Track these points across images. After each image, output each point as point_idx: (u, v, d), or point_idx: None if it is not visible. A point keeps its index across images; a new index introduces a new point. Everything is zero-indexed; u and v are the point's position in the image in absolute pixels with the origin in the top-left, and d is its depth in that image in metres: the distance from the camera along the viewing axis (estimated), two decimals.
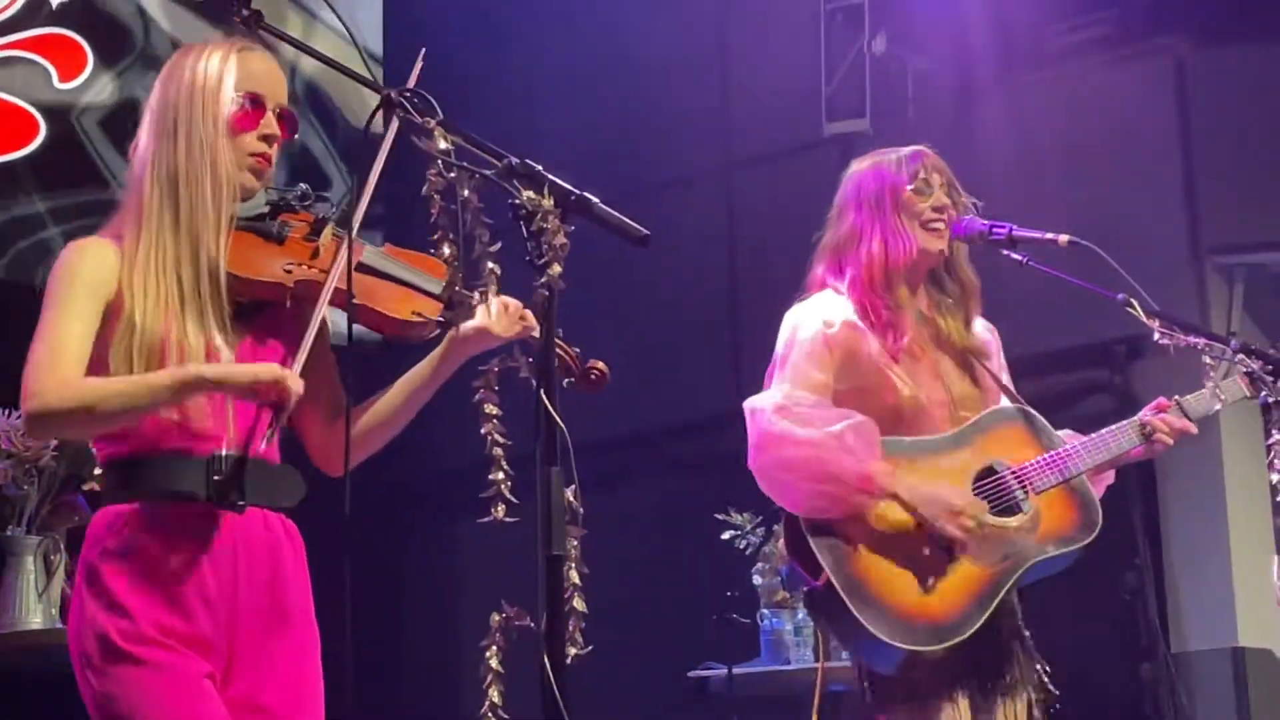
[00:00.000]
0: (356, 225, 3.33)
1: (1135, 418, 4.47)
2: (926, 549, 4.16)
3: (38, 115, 7.93)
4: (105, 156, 7.86)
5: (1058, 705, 4.36)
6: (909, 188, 4.38)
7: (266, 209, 3.51)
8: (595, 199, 3.12)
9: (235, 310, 3.38)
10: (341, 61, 3.53)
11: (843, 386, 4.24)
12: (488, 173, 3.16)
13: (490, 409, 3.43)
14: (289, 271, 3.39)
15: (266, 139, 3.46)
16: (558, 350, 3.33)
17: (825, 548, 4.10)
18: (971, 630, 4.11)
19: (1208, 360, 4.58)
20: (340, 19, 3.43)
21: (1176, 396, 4.52)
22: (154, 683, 3.21)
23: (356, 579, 3.22)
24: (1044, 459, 4.32)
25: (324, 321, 3.45)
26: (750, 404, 4.25)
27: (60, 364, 3.21)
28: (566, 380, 3.45)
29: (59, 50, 8.08)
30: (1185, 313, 6.10)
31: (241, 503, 3.32)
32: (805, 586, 4.17)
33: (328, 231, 3.46)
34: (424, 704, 8.94)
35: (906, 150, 4.49)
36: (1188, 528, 7.63)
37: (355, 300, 3.30)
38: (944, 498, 4.17)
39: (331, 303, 3.39)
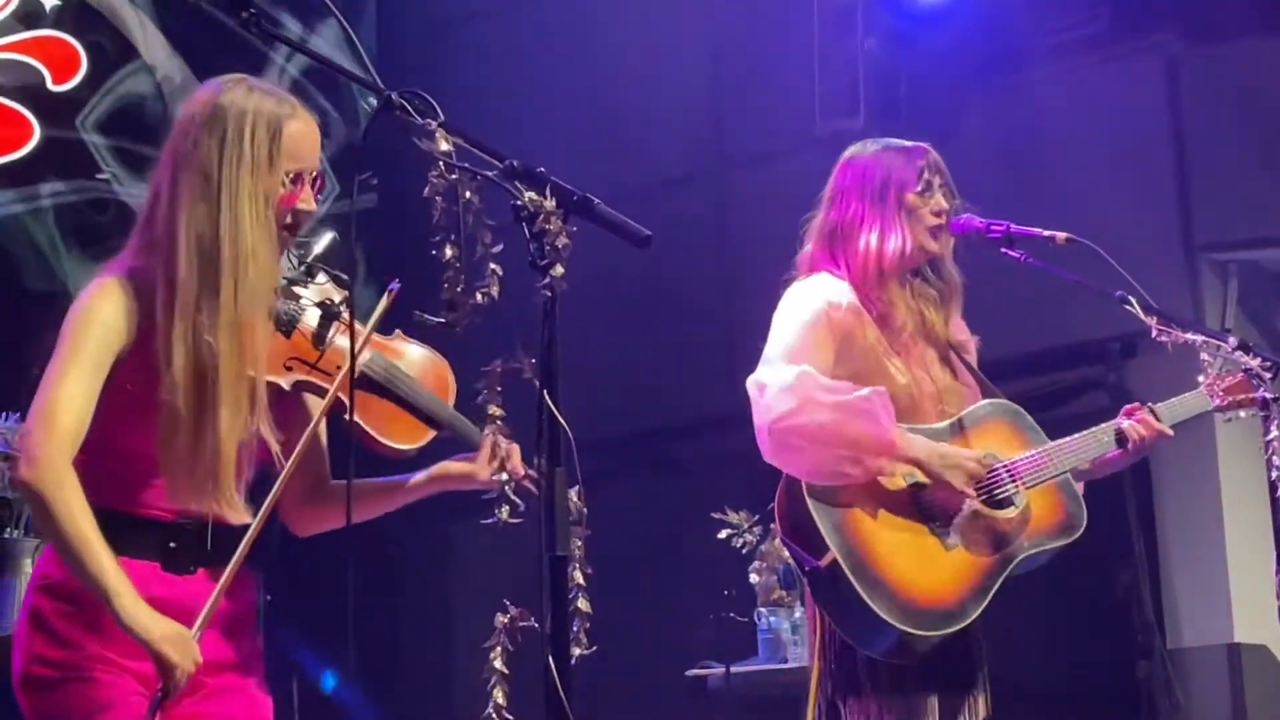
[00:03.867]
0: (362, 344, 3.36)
1: (1111, 422, 4.48)
2: (925, 535, 4.18)
3: (31, 117, 7.94)
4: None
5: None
6: (914, 189, 4.39)
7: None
8: (596, 200, 3.12)
9: None
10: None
11: (840, 371, 4.24)
12: (489, 174, 3.16)
13: (494, 410, 3.43)
14: (289, 369, 3.40)
15: (299, 214, 3.42)
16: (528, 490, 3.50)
17: (830, 527, 4.08)
18: (970, 619, 4.13)
19: (1205, 357, 4.60)
20: (341, 21, 3.42)
21: (1149, 404, 4.54)
22: (89, 695, 3.24)
23: (356, 580, 3.22)
24: (1034, 455, 4.35)
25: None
26: (759, 378, 4.20)
27: (78, 427, 3.19)
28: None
29: (53, 53, 8.09)
30: (1179, 310, 6.11)
31: (193, 568, 3.34)
32: (807, 567, 4.15)
33: (335, 330, 3.43)
34: (421, 704, 8.95)
35: (910, 146, 4.49)
36: (1183, 524, 7.64)
37: (360, 424, 3.38)
38: (962, 452, 4.21)
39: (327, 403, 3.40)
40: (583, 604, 3.23)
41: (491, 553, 5.20)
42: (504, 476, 3.56)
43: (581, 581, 3.23)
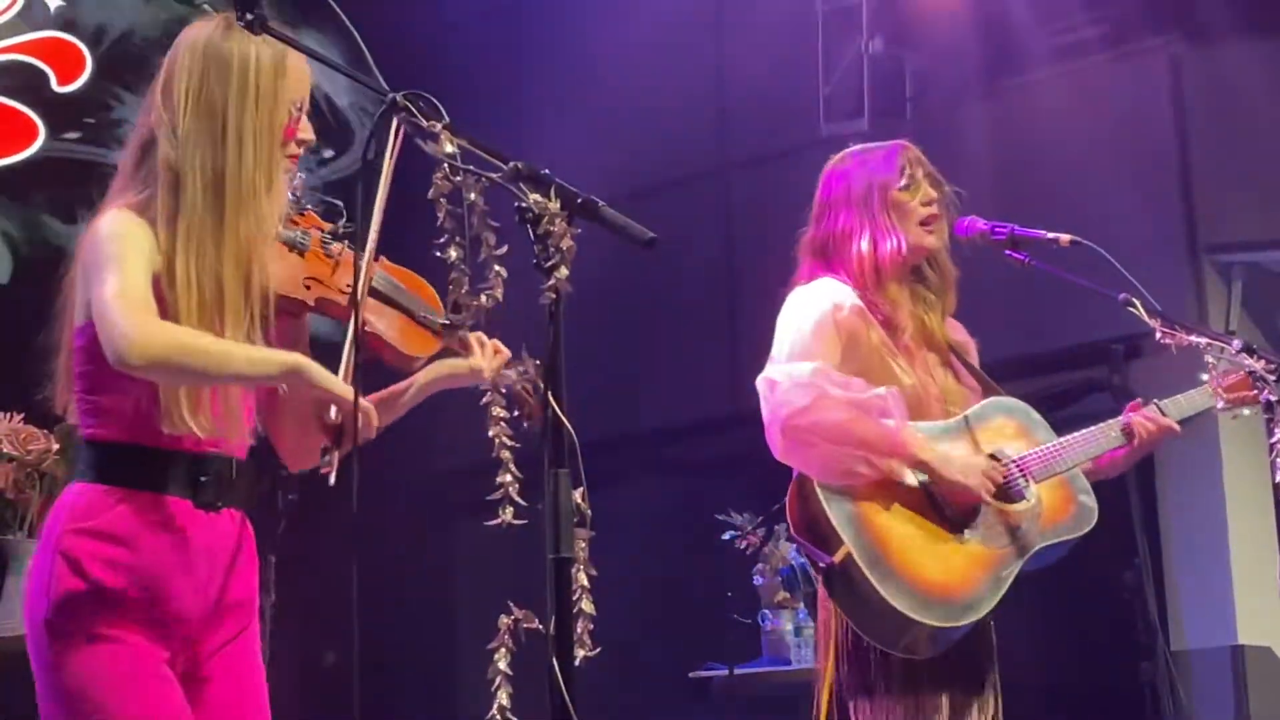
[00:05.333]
0: (371, 247, 3.35)
1: (1118, 419, 4.49)
2: (939, 528, 4.18)
3: (36, 119, 7.95)
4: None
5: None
6: (898, 186, 4.39)
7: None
8: (601, 202, 3.12)
9: None
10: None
11: (846, 370, 4.24)
12: (494, 176, 3.16)
13: (498, 411, 3.43)
14: (309, 288, 3.42)
15: (301, 143, 3.47)
16: (523, 396, 3.51)
17: (844, 520, 4.09)
18: (985, 613, 4.15)
19: (1209, 359, 4.60)
20: (347, 21, 3.43)
21: (1155, 400, 4.55)
22: (112, 659, 3.22)
23: (360, 580, 3.23)
24: (1042, 450, 4.37)
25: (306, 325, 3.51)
26: (771, 374, 4.20)
27: (146, 306, 3.18)
28: (525, 422, 3.53)
29: (57, 54, 8.09)
30: (1183, 311, 6.13)
31: (220, 504, 3.35)
32: (821, 563, 4.15)
33: (342, 246, 3.47)
34: (422, 705, 8.96)
35: (887, 145, 4.50)
36: (1187, 525, 7.65)
37: (367, 329, 3.36)
38: (971, 460, 4.22)
39: (335, 316, 3.43)
40: (586, 605, 3.22)
41: (495, 554, 5.20)
42: (511, 374, 3.54)
43: (585, 583, 3.22)
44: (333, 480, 3.27)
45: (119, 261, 3.22)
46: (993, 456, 4.30)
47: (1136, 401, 4.57)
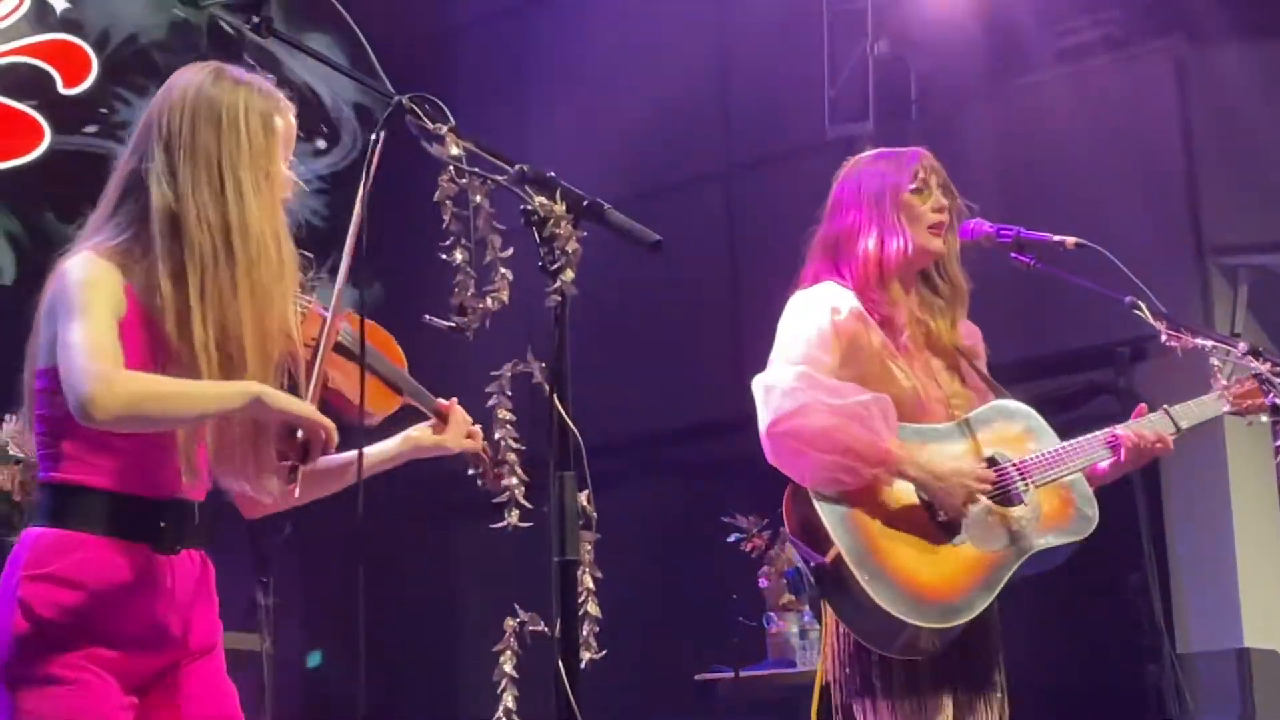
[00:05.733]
0: (336, 303, 3.41)
1: (1111, 428, 4.49)
2: (932, 531, 4.18)
3: (42, 121, 7.96)
4: None
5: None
6: (909, 188, 4.39)
7: None
8: (607, 204, 3.12)
9: None
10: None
11: (846, 374, 4.25)
12: (500, 178, 3.16)
13: (504, 414, 3.44)
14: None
15: (283, 202, 3.46)
16: (481, 459, 3.69)
17: (835, 522, 4.09)
18: (977, 612, 4.13)
19: (1215, 362, 4.60)
20: (352, 24, 3.43)
21: (1165, 405, 4.55)
22: (69, 701, 3.21)
23: (365, 584, 3.23)
24: (1044, 454, 4.36)
25: None
26: (764, 380, 4.21)
27: (112, 358, 3.16)
28: (479, 481, 3.77)
29: (63, 56, 8.10)
30: (1189, 314, 6.12)
31: (179, 548, 3.34)
32: (812, 563, 4.15)
33: (310, 300, 3.49)
34: (430, 708, 8.96)
35: (905, 151, 4.50)
36: (1193, 528, 7.64)
37: (329, 385, 3.41)
38: (958, 467, 4.20)
39: (298, 372, 3.44)
40: (592, 608, 3.23)
41: (500, 557, 5.20)
42: (477, 446, 3.64)
43: (591, 586, 3.23)
44: (296, 494, 3.30)
45: (87, 311, 3.19)
46: (992, 459, 4.30)
47: (1142, 405, 4.56)
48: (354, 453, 3.46)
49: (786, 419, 4.12)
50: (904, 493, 4.18)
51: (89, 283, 3.23)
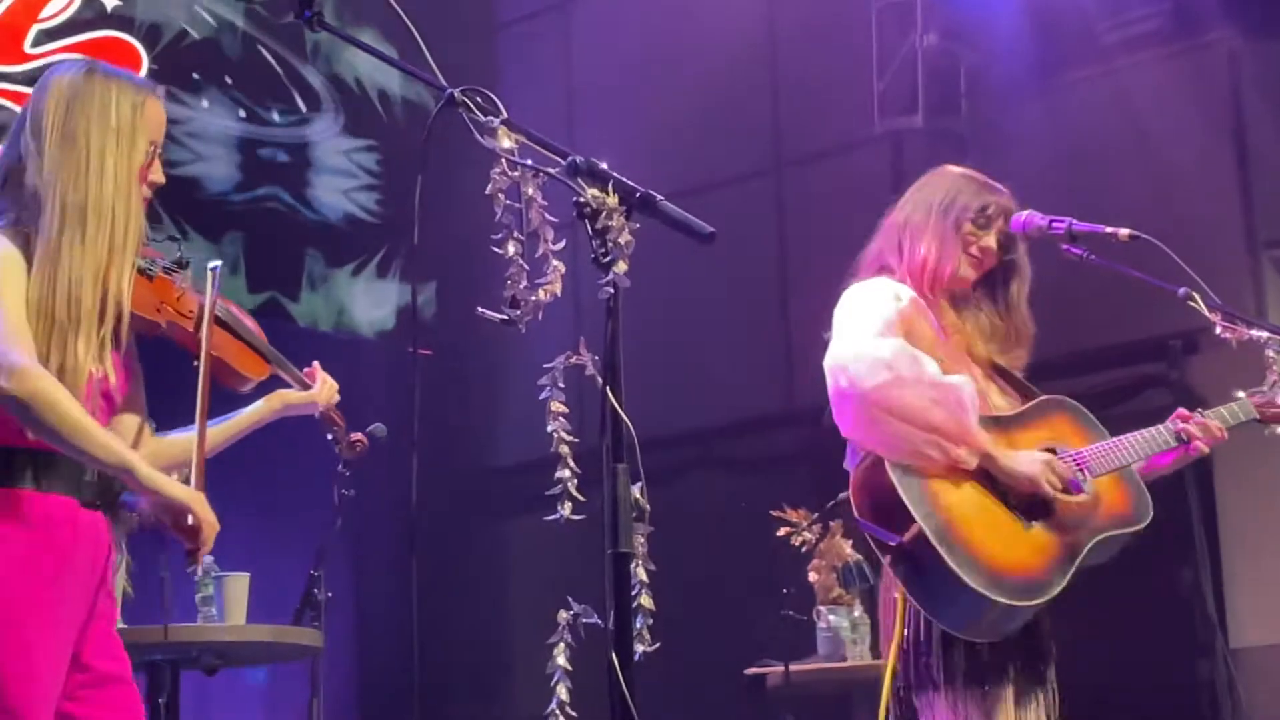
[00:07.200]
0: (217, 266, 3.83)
1: (1169, 422, 4.52)
2: (1005, 515, 4.22)
3: None
4: None
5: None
6: (971, 218, 4.44)
7: None
8: (659, 196, 3.12)
9: None
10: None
11: None
12: (552, 171, 3.17)
13: (556, 406, 3.44)
14: (159, 310, 3.74)
15: (152, 185, 3.76)
16: (333, 419, 4.27)
17: (915, 499, 4.11)
18: (1055, 592, 4.16)
19: (1270, 354, 4.59)
20: (402, 15, 3.43)
21: (1199, 409, 4.59)
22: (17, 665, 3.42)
23: (419, 577, 3.24)
24: (1099, 446, 4.41)
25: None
26: (854, 348, 4.24)
27: (29, 343, 3.45)
28: (336, 446, 4.46)
29: (114, 53, 8.13)
30: (1241, 307, 6.08)
31: (98, 504, 3.62)
32: (892, 543, 4.14)
33: (185, 275, 3.84)
34: (484, 701, 8.98)
35: (992, 183, 4.56)
36: (1245, 520, 7.60)
37: (212, 353, 3.76)
38: (1035, 455, 4.27)
39: (180, 342, 3.79)
40: (645, 601, 3.23)
41: (553, 549, 5.20)
42: (334, 399, 4.16)
43: (644, 578, 3.23)
44: (198, 574, 3.51)
45: (6, 294, 3.48)
46: (1051, 450, 4.33)
47: (1182, 410, 4.58)
48: (224, 418, 3.93)
49: (884, 388, 4.15)
50: (981, 476, 4.22)
51: (5, 265, 3.51)
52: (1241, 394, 4.67)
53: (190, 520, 3.49)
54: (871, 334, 4.26)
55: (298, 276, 8.99)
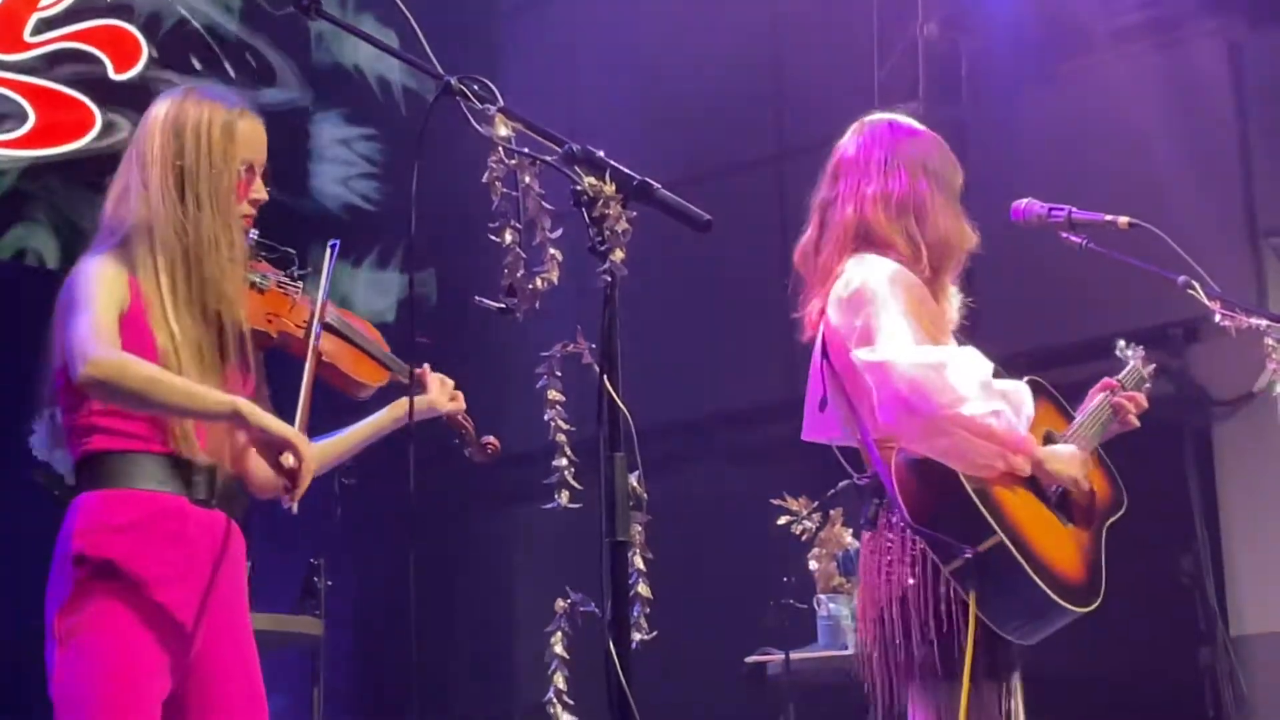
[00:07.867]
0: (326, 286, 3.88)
1: (1103, 394, 4.46)
2: (1051, 515, 4.18)
3: (93, 106, 7.98)
4: None
5: None
6: (959, 184, 4.37)
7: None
8: (656, 184, 3.11)
9: None
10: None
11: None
12: (549, 159, 3.16)
13: (554, 395, 3.44)
14: (270, 322, 3.80)
15: (254, 202, 3.84)
16: (461, 423, 4.15)
17: (991, 509, 3.99)
18: (1103, 589, 4.14)
19: (1269, 342, 4.58)
20: (403, 6, 3.44)
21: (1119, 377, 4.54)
22: (118, 659, 3.48)
23: (417, 565, 3.25)
24: (1076, 432, 4.34)
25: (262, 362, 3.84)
26: (896, 363, 4.00)
27: (112, 340, 3.51)
28: (465, 450, 4.23)
29: (113, 42, 8.12)
30: (1241, 295, 6.07)
31: (213, 503, 3.66)
32: (966, 553, 3.97)
33: (299, 287, 3.90)
34: (481, 689, 8.98)
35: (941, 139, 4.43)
36: (1246, 508, 7.59)
37: (325, 360, 3.81)
38: (1075, 455, 4.21)
39: (295, 352, 3.81)
40: (643, 589, 3.23)
41: (551, 538, 5.20)
42: (461, 407, 4.11)
43: (642, 567, 3.23)
44: (294, 510, 3.52)
45: (91, 301, 3.56)
46: (1049, 437, 4.28)
47: (1107, 380, 4.51)
48: (344, 430, 3.96)
49: (950, 405, 3.97)
50: (1024, 479, 4.14)
51: (93, 277, 3.63)
52: (1131, 357, 4.64)
53: (291, 460, 3.51)
54: (917, 336, 4.06)
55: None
